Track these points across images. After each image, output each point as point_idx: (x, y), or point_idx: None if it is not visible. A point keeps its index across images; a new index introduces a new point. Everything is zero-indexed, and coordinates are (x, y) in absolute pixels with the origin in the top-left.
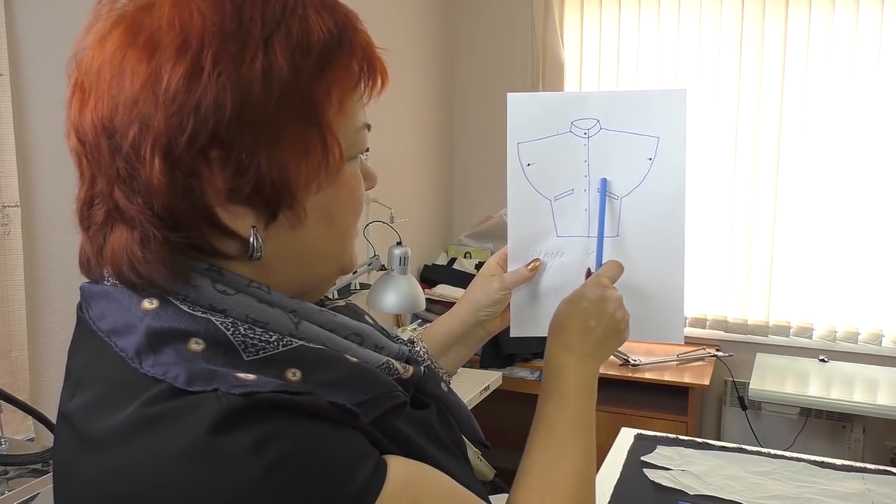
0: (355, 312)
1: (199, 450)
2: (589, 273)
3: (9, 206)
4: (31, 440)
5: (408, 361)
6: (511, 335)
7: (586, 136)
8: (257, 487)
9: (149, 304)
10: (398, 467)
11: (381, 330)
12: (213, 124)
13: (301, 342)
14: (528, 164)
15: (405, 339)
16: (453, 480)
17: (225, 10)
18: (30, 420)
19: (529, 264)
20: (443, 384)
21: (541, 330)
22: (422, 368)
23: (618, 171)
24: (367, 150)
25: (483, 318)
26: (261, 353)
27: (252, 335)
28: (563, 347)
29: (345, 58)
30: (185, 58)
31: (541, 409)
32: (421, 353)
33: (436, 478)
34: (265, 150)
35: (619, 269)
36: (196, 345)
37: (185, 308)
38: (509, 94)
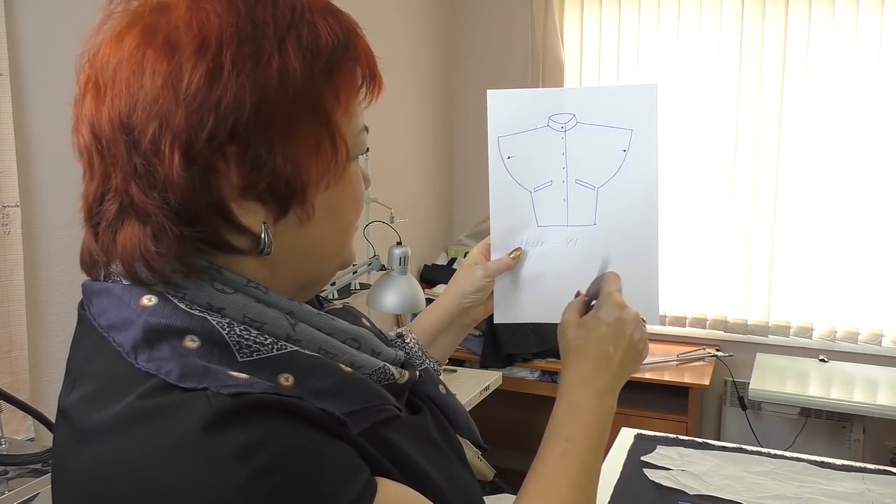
0: (352, 315)
1: (189, 449)
2: (577, 295)
3: (9, 206)
4: (31, 440)
5: (403, 366)
6: (494, 321)
7: (563, 129)
8: (242, 495)
9: (147, 300)
10: (388, 490)
11: (379, 333)
12: (232, 121)
13: (296, 348)
14: (509, 157)
15: (398, 338)
16: None
17: (239, 13)
18: (30, 420)
19: (511, 253)
20: (440, 386)
21: (523, 316)
22: (417, 372)
23: (594, 162)
24: (368, 150)
25: (468, 305)
26: (255, 354)
27: (247, 336)
28: (579, 382)
29: (350, 62)
30: (206, 57)
31: (543, 451)
32: (414, 348)
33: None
34: (280, 147)
35: (618, 279)
36: (191, 342)
37: (182, 306)
38: (489, 91)
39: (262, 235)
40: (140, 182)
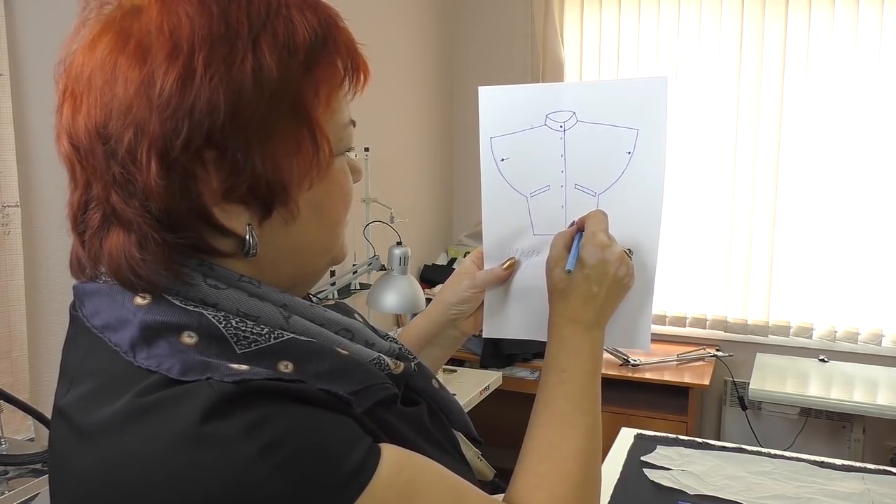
0: (344, 310)
1: (194, 435)
2: (571, 225)
3: (9, 206)
4: (31, 440)
5: (398, 357)
6: (483, 336)
7: (562, 129)
8: (252, 469)
9: (141, 299)
10: (392, 451)
11: (371, 328)
12: (207, 126)
13: (292, 334)
14: (503, 160)
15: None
16: (446, 468)
17: (212, 13)
18: (30, 420)
19: (505, 264)
20: (433, 381)
21: (514, 332)
22: (412, 365)
23: (595, 165)
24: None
25: (453, 317)
26: (253, 345)
27: (244, 328)
28: (567, 319)
29: (330, 56)
30: (177, 62)
31: (544, 385)
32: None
33: (429, 464)
34: (258, 149)
35: (605, 217)
36: (189, 338)
37: (177, 302)
38: (480, 88)
39: (247, 237)
40: (120, 191)
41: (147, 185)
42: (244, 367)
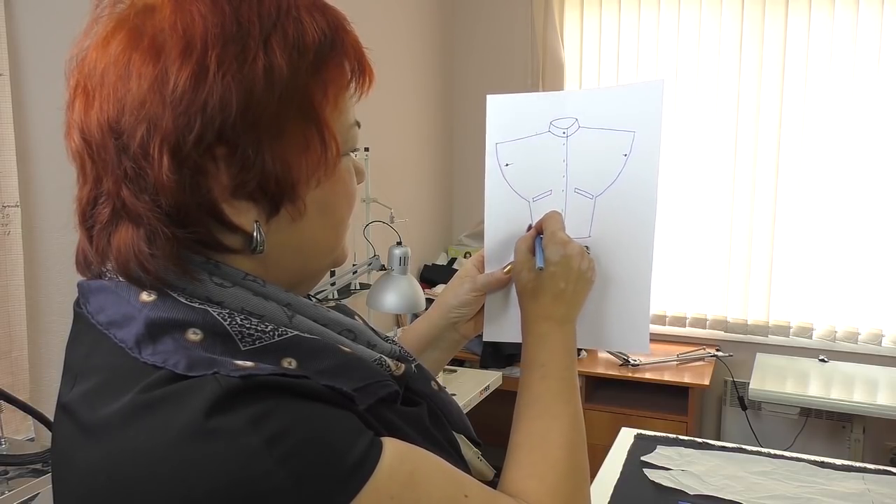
0: (346, 312)
1: (199, 429)
2: (529, 228)
3: (9, 206)
4: (31, 440)
5: (398, 359)
6: (483, 339)
7: (565, 135)
8: (257, 460)
9: (147, 296)
10: (394, 444)
11: (372, 330)
12: (219, 123)
13: (297, 332)
14: (507, 165)
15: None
16: (447, 462)
17: (224, 13)
18: (30, 420)
19: (506, 268)
20: (433, 383)
21: (514, 335)
22: (412, 367)
23: (594, 168)
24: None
25: (454, 320)
26: (257, 342)
27: (248, 325)
28: (539, 317)
29: (338, 57)
30: (191, 59)
31: (525, 382)
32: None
33: (430, 457)
34: (268, 146)
35: (561, 217)
36: (194, 335)
37: (182, 300)
38: (488, 96)
39: (255, 234)
40: (131, 185)
41: (158, 180)
42: (249, 363)
